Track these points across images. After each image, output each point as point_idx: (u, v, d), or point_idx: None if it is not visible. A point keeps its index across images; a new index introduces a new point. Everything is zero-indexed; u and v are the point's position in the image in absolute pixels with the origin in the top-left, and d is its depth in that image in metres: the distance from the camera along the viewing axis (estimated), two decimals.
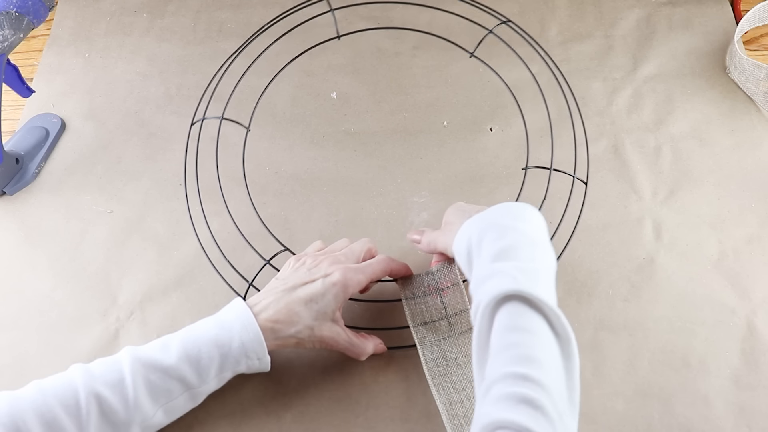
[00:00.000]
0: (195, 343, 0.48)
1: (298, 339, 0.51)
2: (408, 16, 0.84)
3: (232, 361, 0.49)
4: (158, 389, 0.47)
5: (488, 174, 0.69)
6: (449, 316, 0.52)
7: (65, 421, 0.44)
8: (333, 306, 0.51)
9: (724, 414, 0.53)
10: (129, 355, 0.47)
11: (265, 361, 0.50)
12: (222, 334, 0.49)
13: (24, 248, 0.67)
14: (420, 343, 0.52)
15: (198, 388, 0.49)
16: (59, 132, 0.75)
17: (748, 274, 0.60)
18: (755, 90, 0.71)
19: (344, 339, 0.52)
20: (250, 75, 0.70)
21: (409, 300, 0.53)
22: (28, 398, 0.44)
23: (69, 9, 0.88)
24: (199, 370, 0.48)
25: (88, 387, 0.45)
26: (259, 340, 0.49)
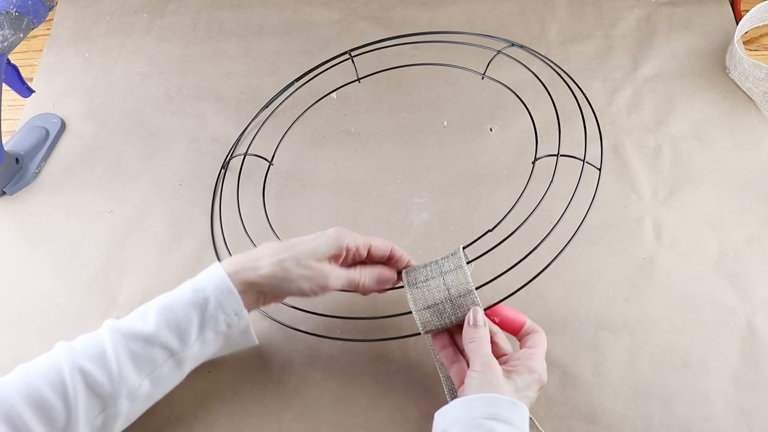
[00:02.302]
0: (172, 307, 0.48)
1: (283, 268, 0.49)
2: (408, 16, 0.84)
3: (210, 320, 0.48)
4: (141, 358, 0.47)
5: (488, 174, 0.69)
6: (452, 297, 0.51)
7: (53, 399, 0.44)
8: (323, 248, 0.50)
9: (724, 414, 0.53)
10: (109, 327, 0.47)
11: (243, 316, 0.49)
12: (197, 294, 0.48)
13: (24, 248, 0.67)
14: (424, 327, 0.52)
15: (181, 353, 0.48)
16: (59, 132, 0.75)
17: (748, 274, 0.60)
18: (755, 90, 0.71)
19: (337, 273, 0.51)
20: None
21: (412, 287, 0.52)
22: (14, 383, 0.44)
23: (69, 9, 0.88)
24: (180, 334, 0.48)
25: (71, 363, 0.45)
26: (234, 295, 0.48)
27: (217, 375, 0.57)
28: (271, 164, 0.70)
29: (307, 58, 0.80)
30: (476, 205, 0.67)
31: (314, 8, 0.86)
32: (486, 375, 0.47)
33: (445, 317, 0.51)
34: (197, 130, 0.75)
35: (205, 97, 0.78)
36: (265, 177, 0.69)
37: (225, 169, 0.71)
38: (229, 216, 0.67)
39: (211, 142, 0.74)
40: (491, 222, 0.63)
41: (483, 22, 0.82)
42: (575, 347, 0.57)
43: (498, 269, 0.53)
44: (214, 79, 0.80)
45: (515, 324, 0.52)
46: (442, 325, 0.51)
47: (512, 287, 0.52)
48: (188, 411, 0.55)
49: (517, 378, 0.47)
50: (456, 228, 0.65)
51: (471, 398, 0.46)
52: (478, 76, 0.69)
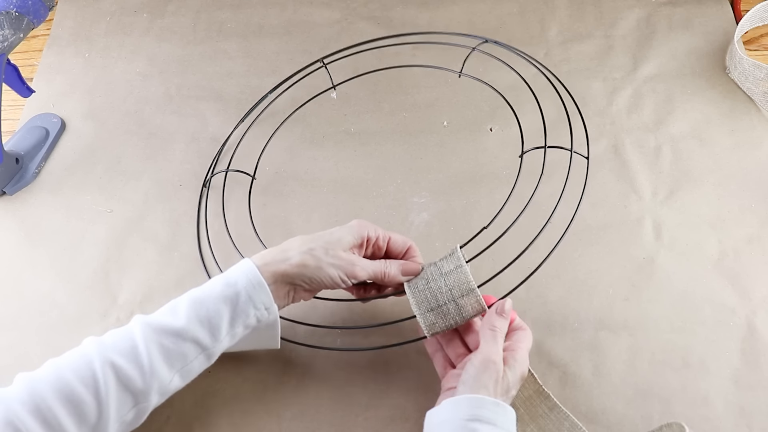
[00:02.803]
0: (203, 302, 0.48)
1: (313, 256, 0.50)
2: (408, 16, 0.84)
3: (241, 314, 0.48)
4: (172, 353, 0.47)
5: (488, 174, 0.69)
6: (456, 298, 0.51)
7: (84, 394, 0.44)
8: (347, 238, 0.52)
9: (724, 414, 0.53)
10: (139, 322, 0.47)
11: (273, 311, 0.50)
12: (228, 289, 0.48)
13: (24, 248, 0.67)
14: (430, 329, 0.52)
15: (212, 348, 0.48)
16: (59, 132, 0.75)
17: (748, 274, 0.60)
18: (755, 90, 0.71)
19: (363, 263, 0.52)
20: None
21: (413, 289, 0.52)
22: (45, 377, 0.44)
23: (69, 9, 0.88)
24: (211, 329, 0.48)
25: (102, 358, 0.45)
26: (264, 288, 0.49)
27: (217, 375, 0.57)
28: (254, 178, 0.69)
29: (307, 58, 0.80)
30: (476, 205, 0.67)
31: (314, 8, 0.86)
32: (483, 374, 0.47)
33: (450, 318, 0.51)
34: (197, 130, 0.75)
35: (205, 97, 0.78)
36: (249, 191, 0.68)
37: (207, 188, 0.70)
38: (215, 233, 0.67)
39: (211, 142, 0.74)
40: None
41: (483, 22, 0.82)
42: (575, 347, 0.57)
43: (497, 267, 0.52)
44: (214, 79, 0.80)
45: None
46: (447, 326, 0.51)
47: (512, 284, 0.52)
48: (188, 411, 0.55)
49: (509, 373, 0.48)
50: (456, 228, 0.65)
51: (458, 399, 0.46)
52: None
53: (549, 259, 0.53)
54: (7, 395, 0.43)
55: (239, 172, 0.70)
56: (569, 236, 0.56)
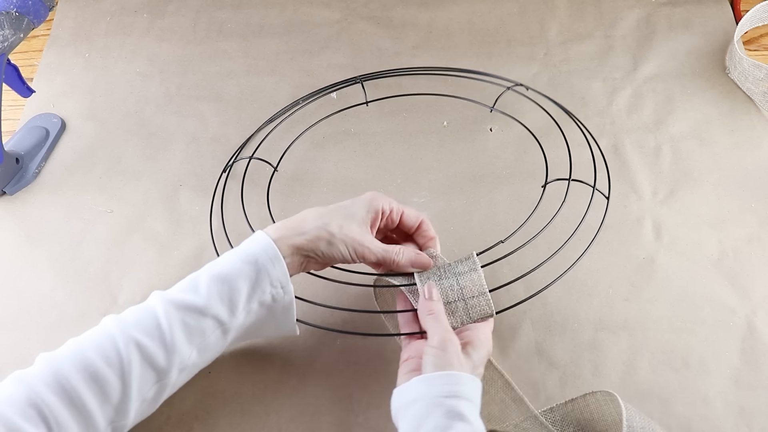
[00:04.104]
0: (223, 278, 0.48)
1: (328, 231, 0.50)
2: (408, 16, 0.84)
3: (257, 290, 0.49)
4: (193, 330, 0.47)
5: (488, 174, 0.69)
6: (466, 298, 0.51)
7: (107, 372, 0.44)
8: (362, 213, 0.52)
9: (724, 414, 0.53)
10: (160, 299, 0.47)
11: (289, 290, 0.50)
12: (246, 266, 0.48)
13: (24, 248, 0.67)
14: None
15: (228, 324, 0.48)
16: (59, 132, 0.75)
17: (748, 274, 0.60)
18: (755, 90, 0.71)
19: (376, 244, 0.52)
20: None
21: (425, 284, 0.52)
22: (67, 355, 0.44)
23: (69, 9, 0.88)
24: (230, 305, 0.48)
25: (125, 336, 0.45)
26: (281, 264, 0.49)
27: (217, 375, 0.57)
28: (276, 170, 0.70)
29: (307, 58, 0.80)
30: (476, 205, 0.67)
31: (314, 8, 0.86)
32: (445, 353, 0.46)
33: (457, 316, 0.51)
34: (197, 130, 0.75)
35: (205, 97, 0.78)
36: (269, 182, 0.69)
37: (227, 172, 0.70)
38: (231, 218, 0.67)
39: (211, 142, 0.74)
40: (491, 222, 0.63)
41: (483, 22, 0.82)
42: (575, 347, 0.57)
43: (500, 276, 0.53)
44: (214, 79, 0.80)
45: None
46: (454, 324, 0.51)
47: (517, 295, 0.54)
48: (188, 411, 0.55)
49: (473, 353, 0.48)
50: (456, 228, 0.65)
51: (430, 376, 0.45)
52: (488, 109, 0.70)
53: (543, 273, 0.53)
54: (30, 376, 0.43)
55: (263, 161, 0.70)
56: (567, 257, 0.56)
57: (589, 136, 0.65)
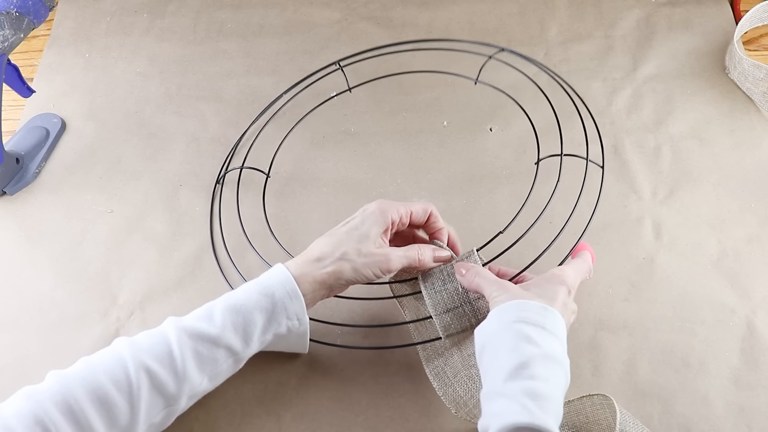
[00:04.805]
0: (239, 310, 0.48)
1: (348, 261, 0.50)
2: (408, 16, 0.84)
3: (273, 323, 0.49)
4: (205, 359, 0.47)
5: (488, 174, 0.69)
6: (471, 300, 0.51)
7: (116, 396, 0.44)
8: (374, 230, 0.51)
9: (724, 414, 0.53)
10: (173, 326, 0.47)
11: (304, 322, 0.50)
12: (264, 300, 0.49)
13: (24, 248, 0.67)
14: (445, 330, 0.52)
15: (241, 354, 0.49)
16: (59, 132, 0.75)
17: (748, 274, 0.60)
18: (755, 90, 0.71)
19: (397, 254, 0.52)
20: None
21: (429, 291, 0.52)
22: (78, 376, 0.44)
23: (69, 9, 0.88)
24: (245, 337, 0.48)
25: (136, 361, 0.45)
26: (300, 301, 0.49)
27: None
28: (269, 176, 0.70)
29: (308, 58, 0.80)
30: (476, 205, 0.67)
31: (314, 8, 0.86)
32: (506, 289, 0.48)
33: (465, 320, 0.51)
34: (197, 130, 0.75)
35: (205, 97, 0.78)
36: (264, 189, 0.68)
37: (221, 184, 0.70)
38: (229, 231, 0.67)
39: (211, 142, 0.74)
40: (491, 222, 0.63)
41: (483, 22, 0.82)
42: (575, 347, 0.57)
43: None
44: (214, 79, 0.80)
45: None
46: (462, 327, 0.51)
47: None
48: (188, 411, 0.55)
49: (534, 288, 0.48)
50: (456, 228, 0.65)
51: (501, 307, 0.46)
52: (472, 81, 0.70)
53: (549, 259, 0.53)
54: (39, 393, 0.43)
55: (254, 169, 0.70)
56: (568, 236, 0.56)
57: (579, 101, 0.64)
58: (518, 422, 0.40)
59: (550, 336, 0.45)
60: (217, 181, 0.70)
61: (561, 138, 0.61)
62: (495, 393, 0.43)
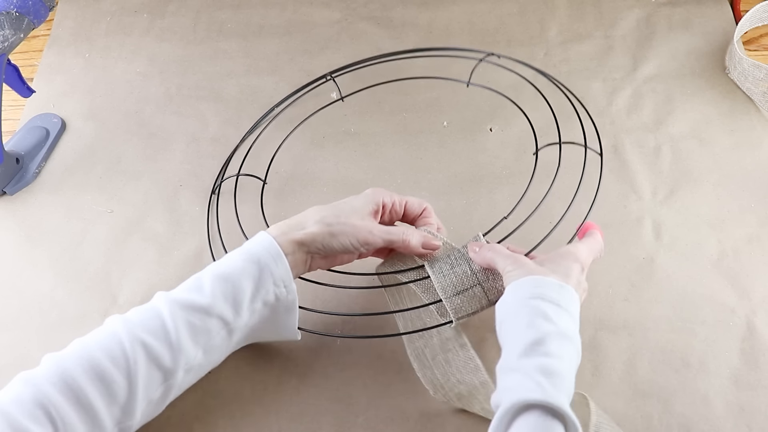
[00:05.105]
0: (227, 277, 0.48)
1: (328, 224, 0.50)
2: (408, 16, 0.84)
3: (261, 289, 0.49)
4: (199, 330, 0.47)
5: (488, 174, 0.69)
6: (481, 281, 0.51)
7: (115, 374, 0.44)
8: (362, 206, 0.52)
9: (724, 414, 0.53)
10: (165, 299, 0.47)
11: (291, 289, 0.50)
12: (249, 265, 0.49)
13: (24, 248, 0.67)
14: (456, 313, 0.51)
15: (233, 324, 0.49)
16: (59, 132, 0.75)
17: (748, 274, 0.60)
18: (755, 90, 0.71)
19: (380, 228, 0.52)
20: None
21: (437, 274, 0.52)
22: (74, 356, 0.44)
23: (69, 9, 0.88)
24: (235, 305, 0.48)
25: (131, 336, 0.45)
26: (283, 262, 0.49)
27: (217, 375, 0.57)
28: (265, 183, 0.69)
29: (307, 58, 0.80)
30: (476, 205, 0.67)
31: (314, 8, 0.86)
32: (521, 264, 0.48)
33: (476, 302, 0.51)
34: (197, 130, 0.75)
35: (205, 97, 0.78)
36: (261, 195, 0.68)
37: (216, 194, 0.69)
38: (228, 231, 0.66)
39: (211, 142, 0.74)
40: (491, 222, 0.63)
41: (483, 22, 0.82)
42: None
43: None
44: (214, 79, 0.80)
45: None
46: (473, 310, 0.51)
47: None
48: (188, 411, 0.55)
49: (549, 264, 0.48)
50: (456, 228, 0.65)
51: (518, 282, 0.46)
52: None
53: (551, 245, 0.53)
54: (36, 376, 0.43)
55: (250, 176, 0.69)
56: (568, 236, 0.56)
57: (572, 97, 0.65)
58: (530, 399, 0.40)
59: (565, 313, 0.45)
60: (212, 192, 0.69)
61: (558, 127, 0.61)
62: (509, 368, 0.43)
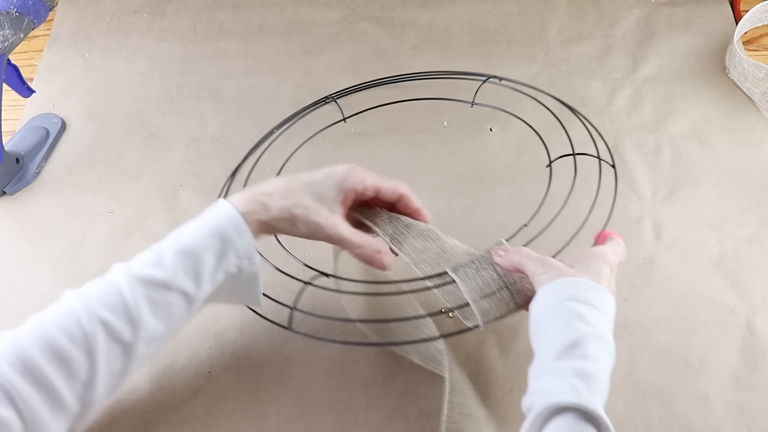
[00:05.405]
0: (190, 253, 0.47)
1: (291, 214, 0.49)
2: (408, 16, 0.84)
3: (224, 263, 0.48)
4: (159, 304, 0.46)
5: (488, 174, 0.69)
6: (509, 285, 0.51)
7: (73, 351, 0.43)
8: (332, 193, 0.50)
9: (724, 414, 0.53)
10: (124, 274, 0.46)
11: (255, 262, 0.49)
12: (212, 239, 0.48)
13: (24, 248, 0.67)
14: (484, 316, 0.50)
15: (194, 295, 0.48)
16: (59, 132, 0.75)
17: (747, 274, 0.60)
18: (755, 90, 0.71)
19: (343, 231, 0.50)
20: None
21: (463, 278, 0.51)
22: (30, 334, 0.43)
23: (69, 9, 0.88)
24: (196, 279, 0.47)
25: (90, 314, 0.44)
26: (248, 237, 0.48)
27: (217, 375, 0.57)
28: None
29: (307, 58, 0.80)
30: (476, 205, 0.67)
31: (314, 8, 0.86)
32: (553, 266, 0.47)
33: (503, 305, 0.50)
34: (197, 130, 0.75)
35: (205, 97, 0.78)
36: None
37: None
38: None
39: (211, 142, 0.74)
40: (491, 222, 0.63)
41: (483, 22, 0.82)
42: None
43: None
44: (214, 79, 0.80)
45: None
46: (501, 313, 0.50)
47: None
48: (188, 411, 0.55)
49: (579, 266, 0.48)
50: (456, 228, 0.65)
51: (553, 284, 0.45)
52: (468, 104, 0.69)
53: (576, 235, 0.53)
54: None
55: None
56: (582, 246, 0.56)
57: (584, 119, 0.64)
58: (565, 402, 0.39)
59: (602, 315, 0.44)
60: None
61: (569, 139, 0.61)
62: (543, 370, 0.43)
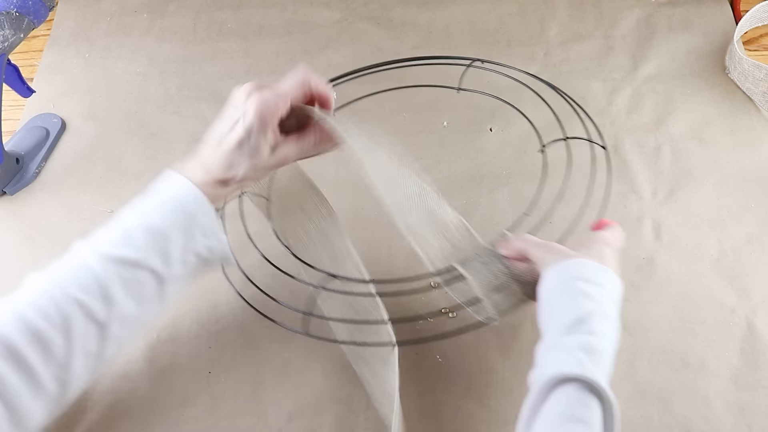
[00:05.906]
0: (158, 232, 0.48)
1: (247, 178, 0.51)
2: (408, 16, 0.84)
3: (191, 241, 0.49)
4: (130, 282, 0.47)
5: (488, 174, 0.69)
6: (516, 276, 0.51)
7: (51, 332, 0.44)
8: (263, 140, 0.51)
9: (724, 414, 0.53)
10: (95, 254, 0.47)
11: (222, 240, 0.51)
12: (178, 218, 0.49)
13: (24, 248, 0.67)
14: (497, 308, 0.51)
15: (164, 274, 0.48)
16: (59, 132, 0.75)
17: (747, 274, 0.60)
18: (755, 90, 0.71)
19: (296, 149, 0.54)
20: None
21: (473, 273, 0.52)
22: (6, 317, 0.44)
23: (69, 9, 0.88)
24: (165, 258, 0.48)
25: (64, 295, 0.45)
26: (211, 214, 0.49)
27: (217, 375, 0.57)
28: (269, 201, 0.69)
29: (308, 58, 0.80)
30: (476, 205, 0.67)
31: (314, 8, 0.86)
32: (556, 250, 0.48)
33: (514, 297, 0.51)
34: (197, 130, 0.75)
35: (205, 97, 0.78)
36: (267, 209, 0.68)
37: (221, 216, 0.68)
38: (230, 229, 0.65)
39: None
40: (491, 222, 0.63)
41: (483, 22, 0.82)
42: None
43: None
44: (214, 79, 0.80)
45: None
46: (512, 303, 0.51)
47: None
48: (188, 411, 0.55)
49: (582, 249, 0.48)
50: None
51: (559, 265, 0.47)
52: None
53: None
54: None
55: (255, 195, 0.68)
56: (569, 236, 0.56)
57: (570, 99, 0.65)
58: (567, 373, 0.41)
59: (608, 295, 0.45)
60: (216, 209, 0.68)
61: (560, 124, 0.62)
62: (550, 346, 0.44)
